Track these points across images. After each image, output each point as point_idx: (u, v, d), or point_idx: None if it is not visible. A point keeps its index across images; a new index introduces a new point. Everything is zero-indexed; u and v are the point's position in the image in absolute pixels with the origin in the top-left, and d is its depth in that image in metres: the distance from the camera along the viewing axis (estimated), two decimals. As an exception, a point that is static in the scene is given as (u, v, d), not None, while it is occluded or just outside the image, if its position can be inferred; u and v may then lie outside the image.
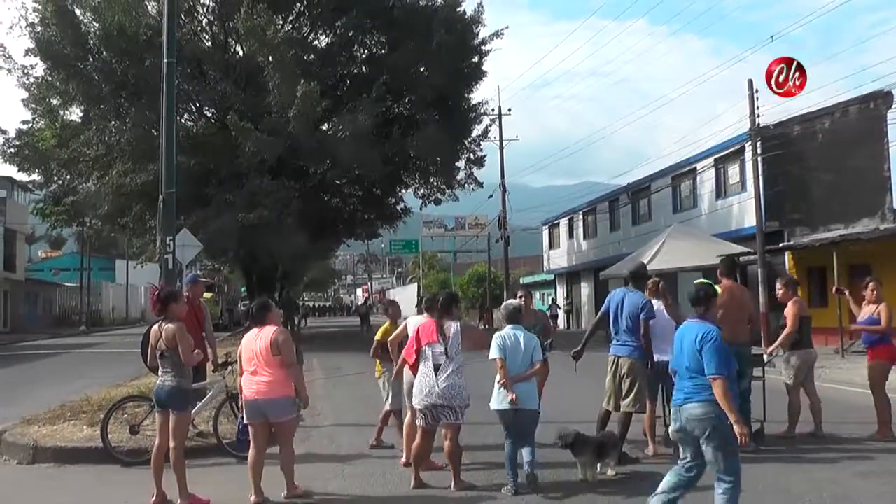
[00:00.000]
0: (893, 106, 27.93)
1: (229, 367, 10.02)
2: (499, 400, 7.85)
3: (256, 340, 7.73)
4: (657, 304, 9.29)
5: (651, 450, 9.11)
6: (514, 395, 7.66)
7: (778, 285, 10.72)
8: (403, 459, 8.74)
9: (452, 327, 7.88)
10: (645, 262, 20.66)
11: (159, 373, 7.77)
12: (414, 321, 8.84)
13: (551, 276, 54.26)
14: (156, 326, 7.81)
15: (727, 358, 5.94)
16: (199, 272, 21.36)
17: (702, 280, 7.81)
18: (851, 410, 11.38)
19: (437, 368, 7.74)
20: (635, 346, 8.96)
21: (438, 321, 7.97)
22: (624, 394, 8.95)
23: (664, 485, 6.25)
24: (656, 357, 9.00)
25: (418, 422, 8.01)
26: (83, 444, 9.69)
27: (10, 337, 42.70)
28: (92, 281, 62.46)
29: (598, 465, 8.09)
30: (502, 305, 8.92)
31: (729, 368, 5.94)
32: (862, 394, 8.89)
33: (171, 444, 7.52)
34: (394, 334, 9.38)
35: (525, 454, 7.81)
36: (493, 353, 7.92)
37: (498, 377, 7.83)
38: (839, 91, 28.78)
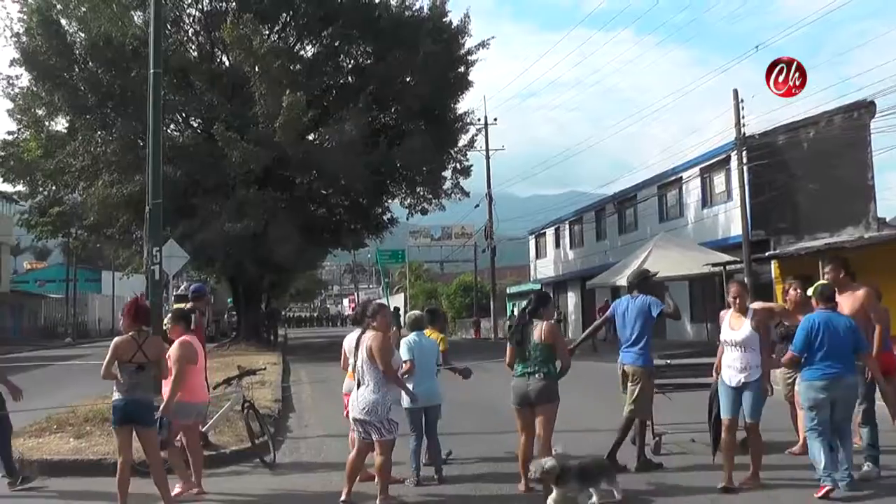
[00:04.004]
0: (876, 115, 28.09)
1: (241, 379, 10.49)
2: (408, 400, 8.30)
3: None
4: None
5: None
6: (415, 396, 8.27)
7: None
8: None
9: (365, 342, 7.73)
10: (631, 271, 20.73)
11: (123, 387, 7.45)
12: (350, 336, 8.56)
13: (538, 286, 54.33)
14: (130, 337, 7.55)
15: None
16: (203, 284, 21.25)
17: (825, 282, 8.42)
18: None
19: (358, 383, 7.76)
20: (640, 353, 8.95)
21: (357, 336, 7.95)
22: (628, 400, 8.96)
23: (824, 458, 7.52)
24: None
25: (353, 434, 8.06)
26: (69, 456, 9.65)
27: (-5, 349, 42.39)
28: (78, 292, 62.16)
29: (593, 491, 7.40)
30: (407, 315, 9.59)
31: None
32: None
33: (150, 461, 7.51)
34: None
35: (433, 450, 8.82)
36: (404, 355, 8.60)
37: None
38: (823, 101, 28.94)
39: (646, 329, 8.97)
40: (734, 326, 8.13)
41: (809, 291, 8.39)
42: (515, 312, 50.31)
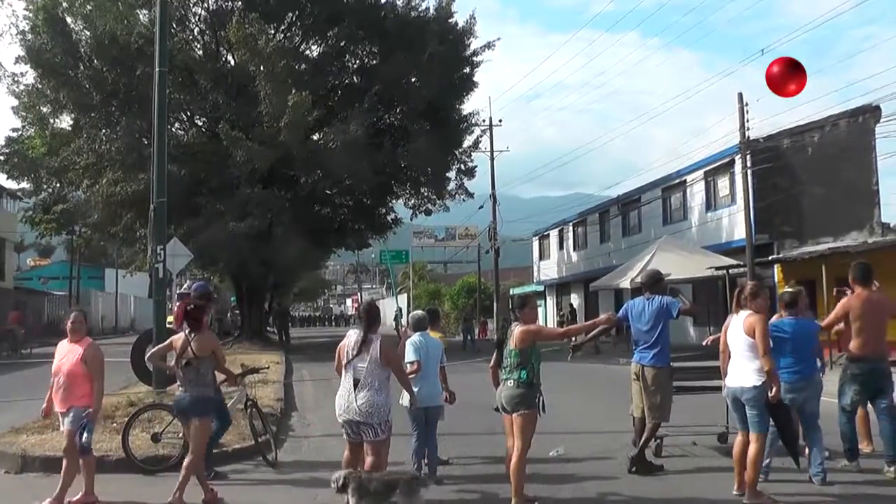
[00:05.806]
0: (881, 120, 28.07)
1: (246, 377, 10.53)
2: (408, 400, 8.42)
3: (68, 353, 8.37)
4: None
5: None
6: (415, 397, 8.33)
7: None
8: None
9: (373, 343, 7.45)
10: (635, 273, 20.72)
11: (178, 382, 8.05)
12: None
13: (541, 287, 54.34)
14: (181, 335, 8.07)
15: None
16: (206, 282, 21.15)
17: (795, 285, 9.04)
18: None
19: (356, 384, 7.37)
20: (660, 353, 8.90)
21: (361, 336, 7.52)
22: (649, 406, 8.88)
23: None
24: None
25: (343, 436, 7.74)
26: (72, 453, 9.64)
27: (-2, 345, 42.33)
28: (81, 290, 62.24)
29: None
30: (410, 315, 9.45)
31: None
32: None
33: (191, 448, 7.72)
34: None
35: (431, 450, 8.73)
36: (411, 356, 8.57)
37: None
38: (828, 105, 29.05)
39: (665, 329, 8.95)
40: None
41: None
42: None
